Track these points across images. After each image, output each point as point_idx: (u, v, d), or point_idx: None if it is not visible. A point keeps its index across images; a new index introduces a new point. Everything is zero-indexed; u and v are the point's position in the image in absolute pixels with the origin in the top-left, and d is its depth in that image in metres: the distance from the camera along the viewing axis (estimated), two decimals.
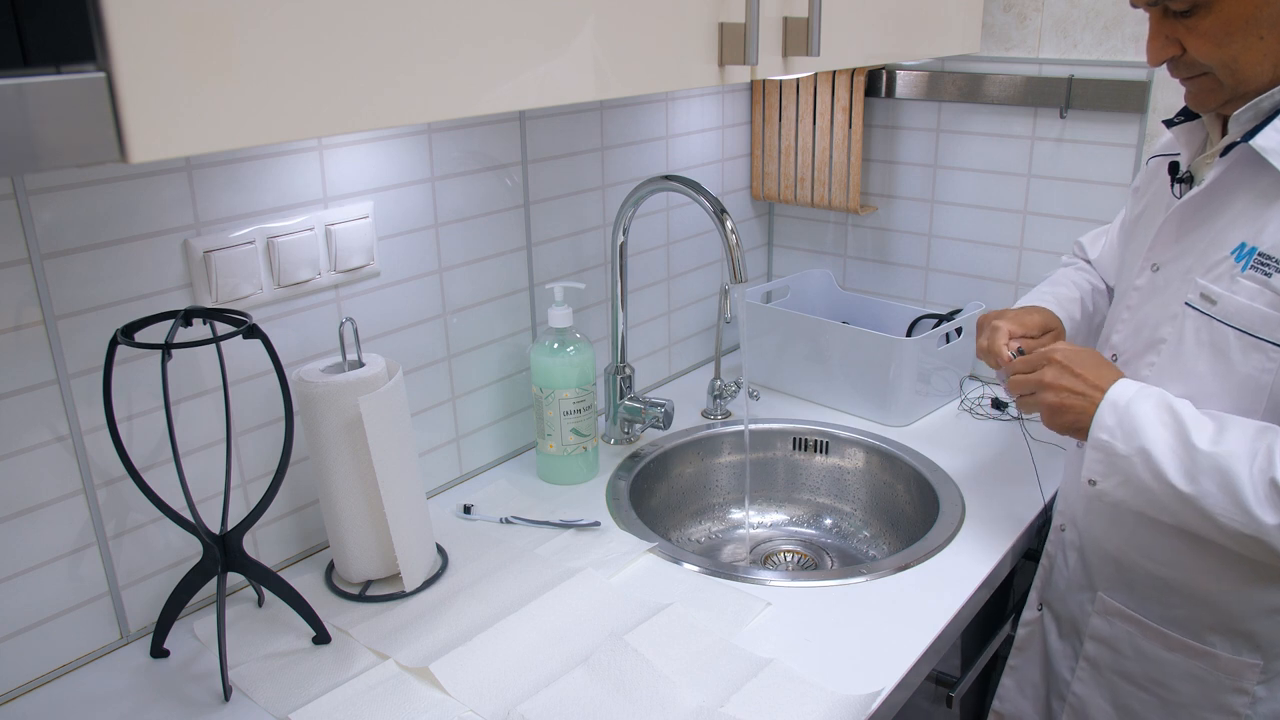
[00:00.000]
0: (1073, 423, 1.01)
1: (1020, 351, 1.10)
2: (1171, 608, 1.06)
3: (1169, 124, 1.07)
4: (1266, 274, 0.92)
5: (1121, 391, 0.98)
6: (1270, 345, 0.93)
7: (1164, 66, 0.97)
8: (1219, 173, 0.97)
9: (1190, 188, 1.03)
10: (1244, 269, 0.94)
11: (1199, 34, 0.92)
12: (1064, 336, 1.19)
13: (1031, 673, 1.25)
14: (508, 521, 1.25)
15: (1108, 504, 1.04)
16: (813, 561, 1.43)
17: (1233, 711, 1.04)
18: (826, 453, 1.51)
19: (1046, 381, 1.02)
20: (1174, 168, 1.06)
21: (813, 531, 1.49)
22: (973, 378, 1.68)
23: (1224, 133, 1.00)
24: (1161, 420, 0.95)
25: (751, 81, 1.57)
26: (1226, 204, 0.98)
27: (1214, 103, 0.97)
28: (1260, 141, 0.92)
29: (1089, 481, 1.00)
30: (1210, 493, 0.92)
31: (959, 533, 1.22)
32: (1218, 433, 0.93)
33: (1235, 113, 0.95)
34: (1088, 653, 1.15)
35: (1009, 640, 1.33)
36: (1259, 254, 0.93)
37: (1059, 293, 1.26)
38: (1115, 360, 1.08)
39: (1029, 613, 1.25)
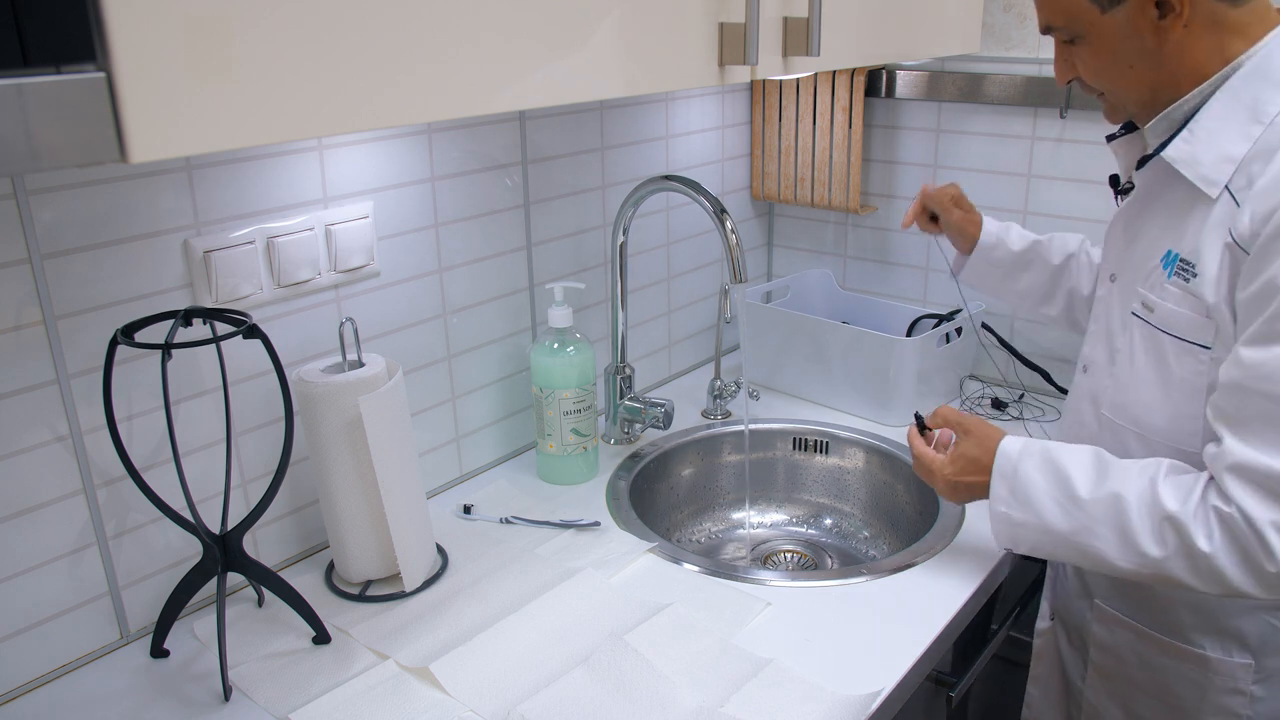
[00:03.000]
0: (969, 499, 1.10)
1: (921, 421, 1.17)
2: (1161, 613, 1.07)
3: (1110, 139, 1.10)
4: (1185, 279, 0.95)
5: (1005, 460, 1.03)
6: (1199, 348, 0.95)
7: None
8: (1141, 184, 1.02)
9: (1130, 194, 1.07)
10: (1169, 276, 0.97)
11: (1082, 62, 0.98)
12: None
13: (1053, 681, 1.25)
14: (508, 521, 1.25)
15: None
16: (813, 561, 1.43)
17: (1233, 713, 1.04)
18: (826, 453, 1.51)
19: (935, 472, 1.11)
20: (1114, 180, 1.10)
21: (813, 531, 1.49)
22: (973, 378, 1.68)
23: None
24: (1046, 478, 1.00)
25: (751, 81, 1.57)
26: (1155, 213, 1.01)
27: (1119, 119, 1.04)
28: (1169, 153, 0.95)
29: (1004, 550, 1.09)
30: (1101, 536, 0.95)
31: (959, 533, 1.22)
32: (1099, 478, 0.97)
33: (1149, 125, 0.98)
34: (1094, 660, 1.15)
35: (1009, 641, 1.33)
36: (1180, 260, 0.96)
37: (1021, 231, 1.37)
38: (1085, 371, 1.12)
39: (1041, 622, 1.25)
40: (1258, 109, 0.90)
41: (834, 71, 1.61)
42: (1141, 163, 1.00)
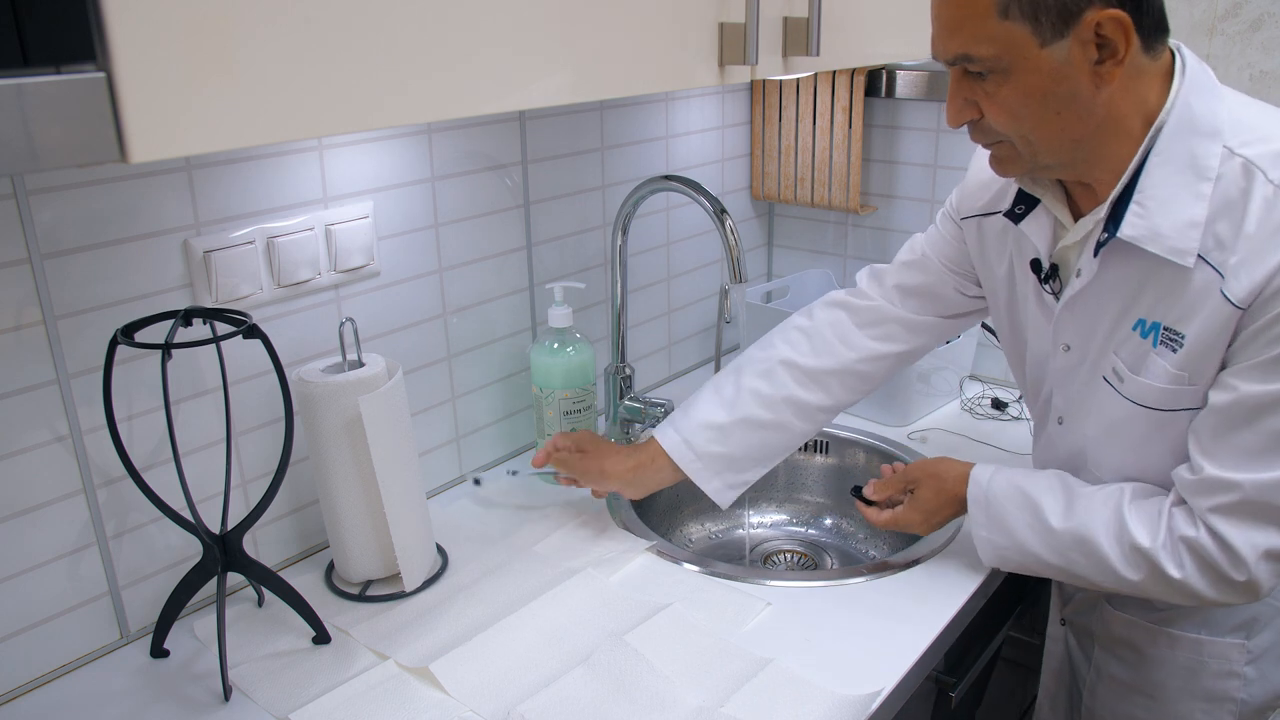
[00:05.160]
0: (945, 523, 1.14)
1: (860, 494, 1.20)
2: (1161, 607, 1.07)
3: (1012, 218, 1.02)
4: (1173, 349, 0.92)
5: (976, 487, 1.07)
6: (1189, 412, 0.93)
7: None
8: (1099, 269, 0.94)
9: (1056, 277, 1.01)
10: (1155, 344, 0.93)
11: (997, 101, 0.87)
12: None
13: (1060, 691, 1.25)
14: (514, 474, 1.31)
15: None
16: (813, 561, 1.43)
17: (1229, 698, 1.05)
18: (826, 453, 1.51)
19: (913, 526, 1.14)
20: (1035, 265, 1.02)
21: (813, 531, 1.49)
22: (973, 378, 1.68)
23: (1072, 213, 0.97)
24: (1019, 505, 1.03)
25: (751, 81, 1.57)
26: (1115, 288, 0.95)
27: (1017, 171, 0.94)
28: (1127, 231, 0.89)
29: (990, 568, 1.11)
30: (1079, 562, 0.99)
31: (959, 533, 1.22)
32: (1067, 507, 1.00)
33: (1089, 213, 0.94)
34: (1098, 662, 1.15)
35: (1009, 641, 1.33)
36: (1165, 329, 0.92)
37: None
38: (1061, 423, 1.08)
39: (1053, 628, 1.25)
40: (1198, 165, 0.86)
41: (834, 71, 1.61)
42: (1098, 248, 0.93)
